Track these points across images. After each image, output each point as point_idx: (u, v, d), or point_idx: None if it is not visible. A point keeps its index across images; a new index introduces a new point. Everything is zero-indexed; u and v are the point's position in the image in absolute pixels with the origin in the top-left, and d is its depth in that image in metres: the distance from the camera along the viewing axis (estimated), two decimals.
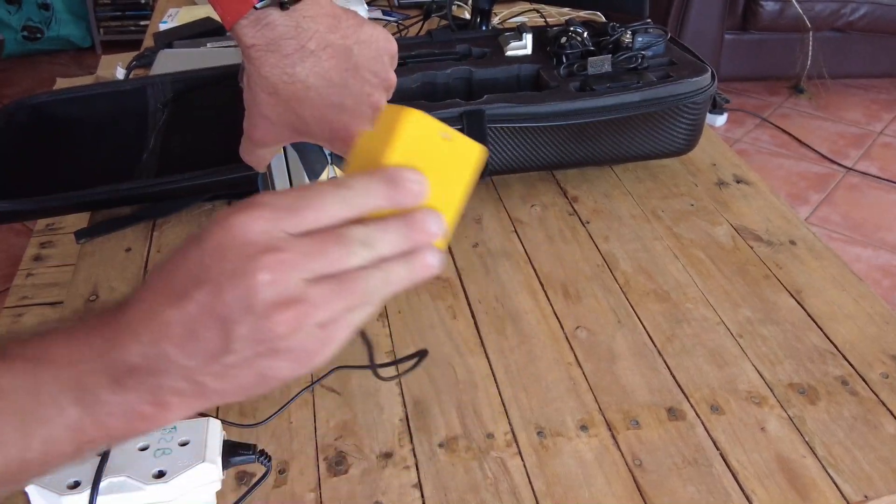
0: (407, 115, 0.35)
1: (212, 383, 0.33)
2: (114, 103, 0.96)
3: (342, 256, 0.32)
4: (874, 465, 0.57)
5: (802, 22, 2.53)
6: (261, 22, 0.45)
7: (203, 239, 0.32)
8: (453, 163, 0.36)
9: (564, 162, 0.88)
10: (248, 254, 0.31)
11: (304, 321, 0.31)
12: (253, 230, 0.31)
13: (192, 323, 0.31)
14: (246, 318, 0.31)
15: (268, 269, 0.31)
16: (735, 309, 0.72)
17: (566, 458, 0.58)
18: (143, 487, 0.43)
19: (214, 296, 0.31)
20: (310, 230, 0.32)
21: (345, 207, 0.33)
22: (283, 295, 0.31)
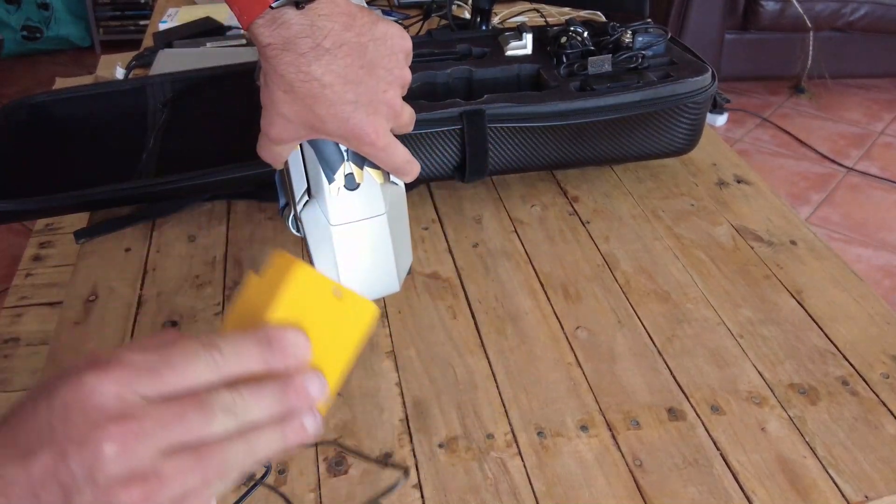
0: (295, 269, 0.33)
1: None
2: (113, 103, 0.96)
3: (202, 425, 0.30)
4: (875, 465, 0.57)
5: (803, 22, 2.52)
6: (276, 21, 0.46)
7: (52, 395, 0.30)
8: (343, 320, 0.35)
9: (564, 162, 0.88)
10: (95, 420, 0.29)
11: (153, 497, 0.29)
12: (104, 393, 0.29)
13: (35, 485, 0.29)
14: (87, 489, 0.28)
15: (115, 439, 0.28)
16: (735, 309, 0.71)
17: (566, 459, 0.57)
18: None
19: (58, 461, 0.29)
20: (171, 394, 0.30)
21: (213, 370, 0.31)
22: (131, 469, 0.29)
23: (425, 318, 0.71)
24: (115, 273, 0.77)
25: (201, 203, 0.86)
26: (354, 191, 0.55)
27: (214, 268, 0.77)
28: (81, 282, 0.76)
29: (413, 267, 0.77)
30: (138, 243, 0.81)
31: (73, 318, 0.71)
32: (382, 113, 0.49)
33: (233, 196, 0.87)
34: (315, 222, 0.55)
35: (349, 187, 0.54)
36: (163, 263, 0.78)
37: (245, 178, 0.82)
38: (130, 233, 0.82)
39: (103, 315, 0.72)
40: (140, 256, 0.79)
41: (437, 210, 0.85)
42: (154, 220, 0.84)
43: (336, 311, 0.35)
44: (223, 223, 0.84)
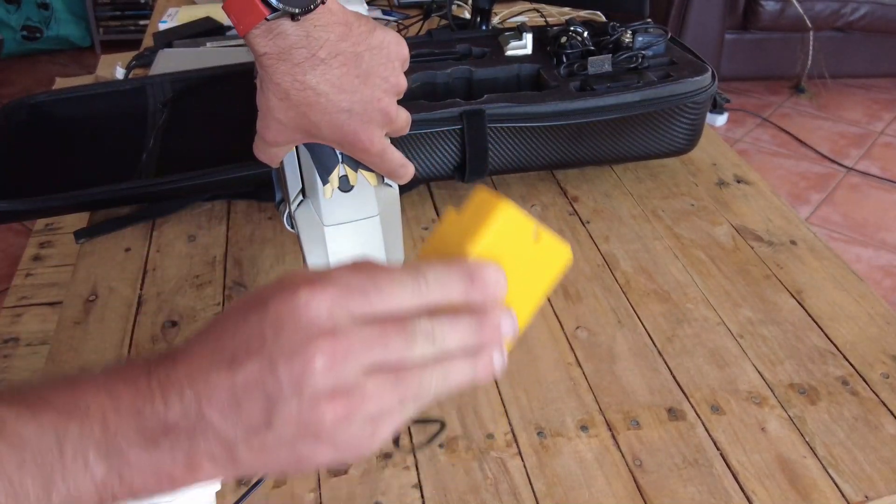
0: (501, 207, 0.34)
1: (246, 456, 0.31)
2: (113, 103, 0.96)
3: (404, 349, 0.31)
4: (875, 465, 0.57)
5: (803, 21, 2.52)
6: (273, 31, 0.46)
7: (265, 305, 0.31)
8: (538, 262, 0.35)
9: (564, 162, 0.88)
10: (308, 334, 0.30)
11: (354, 413, 0.30)
12: (318, 309, 0.30)
13: (238, 392, 0.30)
14: (293, 400, 0.30)
15: (326, 354, 0.30)
16: (735, 309, 0.71)
17: (566, 459, 0.57)
18: None
19: (266, 370, 0.30)
20: (376, 316, 0.31)
21: (417, 297, 0.32)
22: (337, 383, 0.30)
23: None
24: (115, 273, 0.77)
25: (201, 203, 0.86)
26: (348, 192, 0.55)
27: (214, 268, 0.77)
28: (81, 282, 0.76)
29: None
30: (138, 243, 0.81)
31: (73, 318, 0.71)
32: (377, 120, 0.50)
33: (233, 196, 0.87)
34: (308, 221, 0.56)
35: (343, 189, 0.55)
36: (163, 263, 0.78)
37: (245, 178, 0.82)
38: (130, 233, 0.82)
39: (103, 315, 0.72)
40: (140, 256, 0.79)
41: (437, 210, 0.85)
42: (154, 220, 0.84)
43: (532, 251, 0.35)
44: (223, 223, 0.84)
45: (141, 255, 0.79)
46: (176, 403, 0.31)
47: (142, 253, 0.80)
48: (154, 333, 0.69)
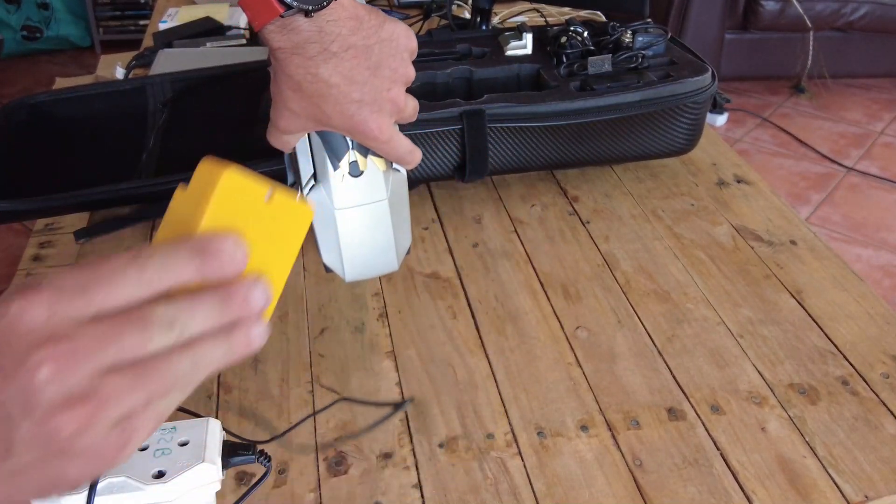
0: (224, 174, 0.31)
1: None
2: (113, 103, 0.95)
3: (141, 342, 0.28)
4: (875, 465, 0.57)
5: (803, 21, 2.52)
6: (287, 27, 0.48)
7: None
8: (280, 224, 0.33)
9: (564, 162, 0.88)
10: (27, 344, 0.27)
11: (96, 420, 0.27)
12: (33, 316, 0.27)
13: None
14: (26, 420, 0.27)
15: (48, 362, 0.27)
16: (735, 309, 0.71)
17: (566, 459, 0.57)
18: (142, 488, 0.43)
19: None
20: (101, 313, 0.28)
21: (143, 285, 0.29)
22: (68, 391, 0.27)
23: (425, 318, 0.71)
24: None
25: None
26: (358, 177, 0.58)
27: None
28: None
29: (413, 267, 0.77)
30: (138, 243, 0.81)
31: None
32: (386, 110, 0.51)
33: None
34: (320, 205, 0.59)
35: (353, 174, 0.57)
36: None
37: None
38: (130, 233, 0.82)
39: None
40: None
41: (437, 210, 0.85)
42: (154, 221, 0.84)
43: (271, 213, 0.33)
44: None
45: None
46: None
47: None
48: None
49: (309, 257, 0.78)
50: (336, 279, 0.74)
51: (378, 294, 0.74)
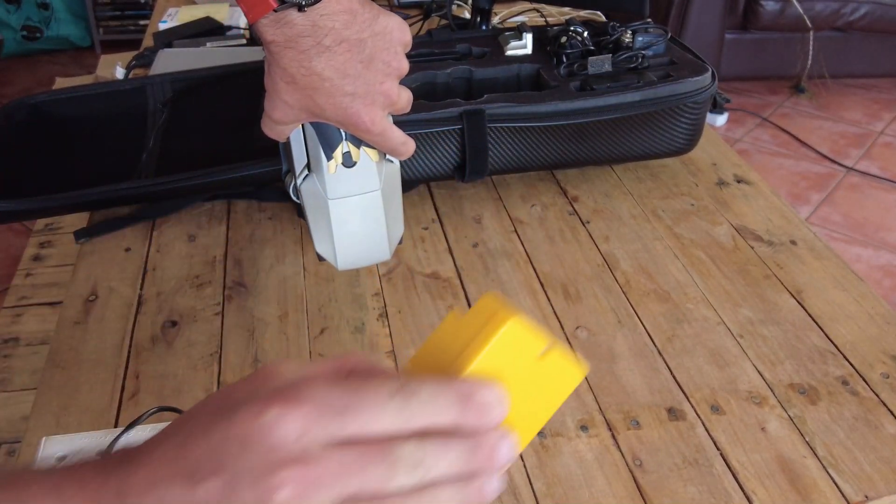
0: (508, 322, 0.30)
1: None
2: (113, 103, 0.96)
3: (385, 478, 0.27)
4: (875, 465, 0.57)
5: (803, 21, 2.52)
6: (280, 21, 0.48)
7: (231, 421, 0.28)
8: (546, 380, 0.32)
9: (564, 162, 0.88)
10: (275, 458, 0.27)
11: None
12: (287, 430, 0.27)
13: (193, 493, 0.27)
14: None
15: (291, 483, 0.26)
16: (735, 309, 0.71)
17: (566, 459, 0.57)
18: None
19: (229, 491, 0.27)
20: (353, 438, 0.27)
21: (402, 419, 0.28)
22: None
23: (425, 318, 0.71)
24: (115, 273, 0.77)
25: (201, 203, 0.86)
26: (351, 168, 0.58)
27: (214, 268, 0.77)
28: (81, 282, 0.76)
29: (413, 267, 0.77)
30: (138, 243, 0.81)
31: (73, 317, 0.71)
32: (379, 102, 0.52)
33: (233, 196, 0.87)
34: (313, 195, 0.59)
35: (346, 164, 0.58)
36: (163, 263, 0.78)
37: (245, 178, 0.82)
38: (130, 233, 0.82)
39: (103, 315, 0.72)
40: (140, 256, 0.79)
41: (437, 210, 0.85)
42: (154, 220, 0.84)
43: (540, 369, 0.31)
44: (223, 223, 0.84)
45: (141, 255, 0.79)
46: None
47: (142, 253, 0.80)
48: (154, 333, 0.69)
49: (309, 257, 0.78)
50: (336, 279, 0.74)
51: (378, 294, 0.73)
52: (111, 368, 0.65)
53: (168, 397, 0.62)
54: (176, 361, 0.66)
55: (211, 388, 0.63)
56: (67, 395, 0.63)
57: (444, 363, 0.30)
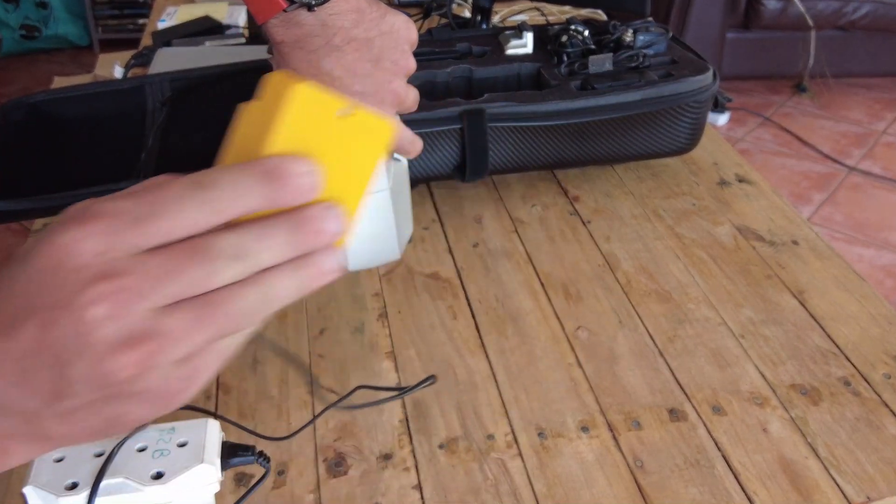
0: (294, 89, 0.28)
1: (55, 428, 0.27)
2: (112, 102, 0.95)
3: (205, 276, 0.26)
4: (877, 466, 0.56)
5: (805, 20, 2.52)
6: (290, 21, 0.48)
7: (28, 259, 0.26)
8: (357, 143, 0.30)
9: (565, 161, 0.87)
10: (79, 281, 0.25)
11: (156, 360, 0.26)
12: (85, 250, 0.25)
13: (23, 359, 0.26)
14: (81, 360, 0.25)
15: (103, 300, 0.25)
16: (737, 309, 0.71)
17: (567, 460, 0.57)
18: (141, 489, 0.43)
19: (43, 330, 0.25)
20: (163, 243, 0.26)
21: (208, 213, 0.26)
22: (126, 331, 0.25)
23: (425, 318, 0.70)
24: None
25: None
26: None
27: None
28: None
29: (413, 267, 0.77)
30: None
31: None
32: (388, 101, 0.52)
33: None
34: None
35: None
36: None
37: None
38: None
39: None
40: None
41: (437, 210, 0.85)
42: None
43: (347, 133, 0.30)
44: None
45: None
46: None
47: None
48: None
49: None
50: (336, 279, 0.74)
51: (378, 294, 0.73)
52: None
53: None
54: None
55: (210, 389, 0.63)
56: None
57: (244, 151, 0.29)
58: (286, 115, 0.28)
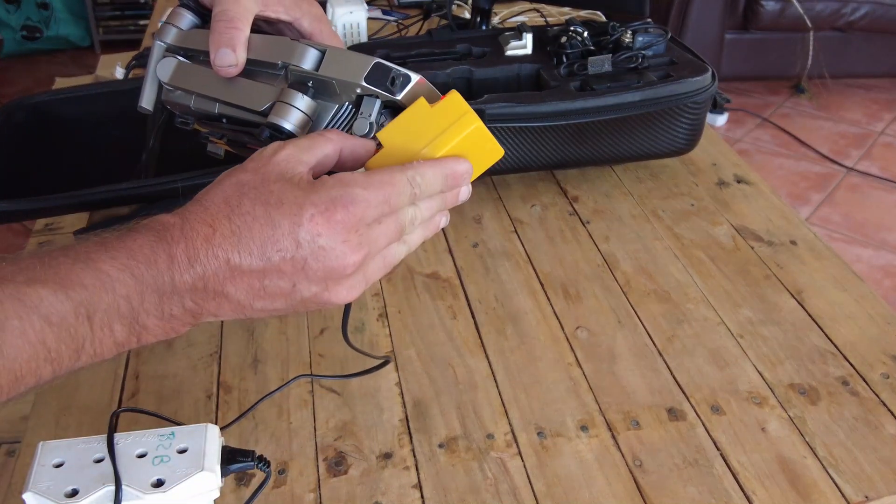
0: (472, 122, 0.45)
1: (255, 313, 0.40)
2: (113, 103, 0.95)
3: (398, 235, 0.43)
4: (875, 465, 0.57)
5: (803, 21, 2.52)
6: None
7: (300, 219, 0.39)
8: (483, 152, 0.47)
9: (565, 162, 0.88)
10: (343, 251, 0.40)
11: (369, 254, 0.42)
12: (349, 229, 0.39)
13: (267, 287, 0.39)
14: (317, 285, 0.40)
15: (356, 265, 0.40)
16: (736, 309, 0.71)
17: (566, 459, 0.57)
18: (141, 496, 0.43)
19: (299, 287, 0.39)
20: (383, 216, 0.42)
21: (410, 199, 0.43)
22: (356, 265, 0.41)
23: (425, 318, 0.71)
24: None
25: None
26: None
27: None
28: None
29: (413, 267, 0.77)
30: None
31: None
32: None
33: None
34: None
35: None
36: None
37: None
38: None
39: None
40: None
41: None
42: None
43: (481, 145, 0.46)
44: None
45: None
46: (199, 286, 0.38)
47: None
48: None
49: None
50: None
51: (378, 294, 0.73)
52: (111, 368, 0.65)
53: (168, 398, 0.62)
54: (176, 362, 0.66)
55: (211, 389, 0.63)
56: (67, 396, 0.63)
57: (421, 140, 0.45)
58: (461, 133, 0.45)
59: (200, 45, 0.51)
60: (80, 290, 0.36)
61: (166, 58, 0.53)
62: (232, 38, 0.48)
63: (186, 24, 0.53)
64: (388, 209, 0.41)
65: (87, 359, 0.37)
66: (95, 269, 0.37)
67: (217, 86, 0.51)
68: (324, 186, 0.40)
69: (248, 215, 0.39)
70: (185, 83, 0.52)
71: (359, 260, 0.40)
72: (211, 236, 0.39)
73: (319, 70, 0.48)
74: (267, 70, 0.49)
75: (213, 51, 0.49)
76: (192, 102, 0.53)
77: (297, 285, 0.39)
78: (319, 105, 0.48)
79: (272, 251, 0.38)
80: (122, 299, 0.37)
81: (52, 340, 0.36)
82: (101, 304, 0.36)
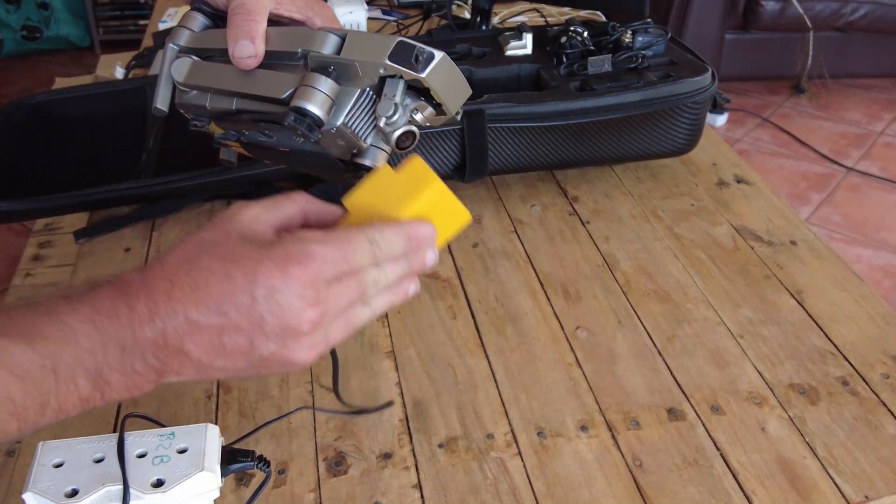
0: (433, 184, 0.44)
1: (216, 373, 0.39)
2: (113, 103, 0.95)
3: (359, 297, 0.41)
4: (875, 465, 0.57)
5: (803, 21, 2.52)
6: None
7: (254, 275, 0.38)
8: (448, 216, 0.46)
9: (565, 162, 0.88)
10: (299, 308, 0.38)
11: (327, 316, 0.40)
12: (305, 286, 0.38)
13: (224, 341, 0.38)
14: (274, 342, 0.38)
15: (311, 321, 0.38)
16: (735, 309, 0.71)
17: (566, 459, 0.57)
18: (141, 496, 0.43)
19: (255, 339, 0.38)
20: (341, 277, 0.40)
21: (371, 260, 0.41)
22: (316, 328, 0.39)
23: (425, 318, 0.71)
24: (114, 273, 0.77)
25: (201, 203, 0.86)
26: None
27: None
28: (81, 282, 0.76)
29: None
30: (138, 243, 0.81)
31: None
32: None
33: (232, 196, 0.87)
34: None
35: None
36: None
37: (245, 178, 0.82)
38: (130, 233, 0.82)
39: None
40: (140, 256, 0.79)
41: None
42: (154, 220, 0.84)
43: (445, 209, 0.45)
44: None
45: (141, 255, 0.79)
46: (160, 341, 0.38)
47: (142, 253, 0.80)
48: None
49: None
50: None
51: None
52: None
53: (168, 398, 0.62)
54: None
55: (210, 389, 0.63)
56: None
57: (386, 206, 0.44)
58: (423, 197, 0.44)
59: (215, 43, 0.51)
60: (45, 342, 0.36)
61: (181, 58, 0.53)
62: (251, 29, 0.48)
63: (199, 26, 0.54)
64: (346, 267, 0.40)
65: (52, 414, 0.37)
66: (59, 321, 0.37)
67: (235, 80, 0.51)
68: (281, 243, 0.39)
69: (205, 270, 0.39)
70: (202, 80, 0.52)
71: (315, 317, 0.38)
72: (170, 290, 0.38)
73: (341, 54, 0.48)
74: (285, 61, 0.49)
75: (232, 43, 0.49)
76: (209, 101, 0.53)
77: (254, 342, 0.38)
78: (342, 90, 0.48)
79: (229, 306, 0.38)
80: (86, 352, 0.37)
81: (18, 394, 0.35)
82: (66, 357, 0.36)
